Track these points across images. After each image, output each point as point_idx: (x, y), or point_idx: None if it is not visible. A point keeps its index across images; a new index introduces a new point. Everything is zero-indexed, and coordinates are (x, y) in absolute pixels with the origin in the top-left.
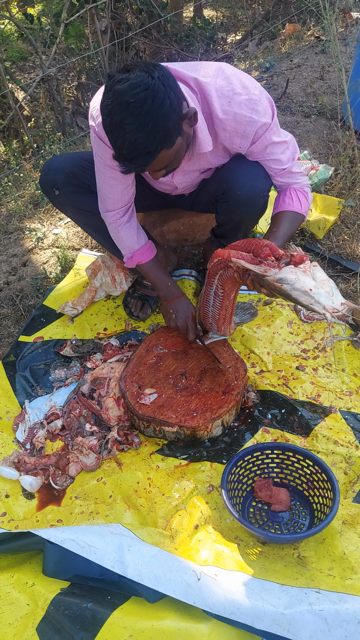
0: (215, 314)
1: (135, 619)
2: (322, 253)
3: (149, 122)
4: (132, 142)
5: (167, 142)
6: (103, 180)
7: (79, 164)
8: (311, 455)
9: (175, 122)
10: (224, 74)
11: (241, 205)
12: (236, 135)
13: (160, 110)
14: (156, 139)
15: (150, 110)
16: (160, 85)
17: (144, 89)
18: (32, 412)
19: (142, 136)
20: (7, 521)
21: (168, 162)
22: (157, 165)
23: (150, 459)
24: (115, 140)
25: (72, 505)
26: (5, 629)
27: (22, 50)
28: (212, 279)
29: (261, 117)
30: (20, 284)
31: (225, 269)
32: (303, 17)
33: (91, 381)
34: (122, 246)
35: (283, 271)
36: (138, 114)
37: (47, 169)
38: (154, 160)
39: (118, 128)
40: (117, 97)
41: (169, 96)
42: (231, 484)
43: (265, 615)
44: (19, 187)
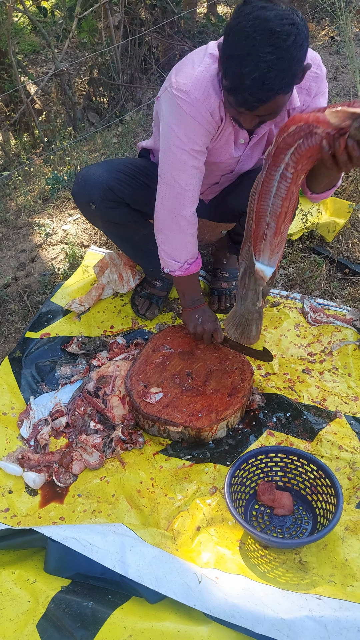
0: (277, 207)
1: (135, 619)
2: (331, 256)
3: (286, 59)
4: (263, 74)
5: (289, 87)
6: (182, 170)
7: (117, 178)
8: (315, 460)
9: (302, 69)
10: None
11: None
12: (301, 92)
13: (299, 51)
14: (285, 78)
15: (290, 47)
16: (303, 27)
17: (290, 23)
18: (37, 408)
19: (274, 70)
20: (9, 517)
21: (276, 110)
22: (268, 108)
23: (154, 459)
24: (242, 67)
25: (74, 503)
26: (6, 624)
27: (35, 43)
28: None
29: (324, 73)
30: (28, 280)
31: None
32: (318, 16)
33: (97, 379)
34: (184, 251)
35: None
36: (279, 46)
37: (83, 183)
38: (271, 101)
39: (252, 55)
40: (261, 23)
41: (307, 40)
42: (234, 487)
43: (265, 620)
44: (28, 181)
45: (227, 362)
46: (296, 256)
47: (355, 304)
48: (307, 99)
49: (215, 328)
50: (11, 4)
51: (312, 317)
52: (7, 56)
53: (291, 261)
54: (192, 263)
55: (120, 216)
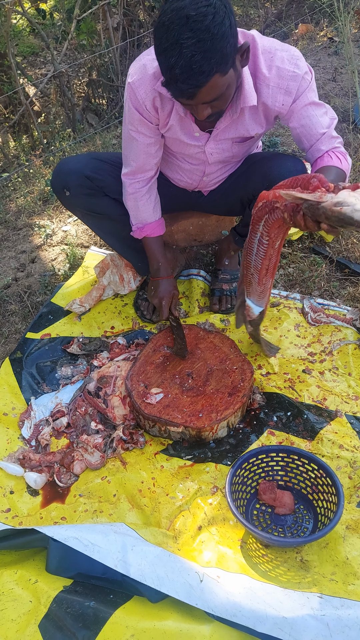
0: (258, 264)
1: (137, 618)
2: (330, 256)
3: (207, 39)
4: (188, 59)
5: (222, 66)
6: (130, 141)
7: (94, 166)
8: (316, 459)
9: (232, 46)
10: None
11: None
12: (279, 92)
13: (220, 28)
14: (213, 58)
15: (210, 26)
16: (222, 6)
17: (205, 5)
18: (38, 409)
19: (198, 53)
20: (11, 517)
21: (219, 94)
22: (209, 92)
23: (155, 458)
24: (168, 59)
25: (76, 503)
26: (8, 624)
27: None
28: (256, 226)
29: (303, 72)
30: (28, 281)
31: (272, 212)
32: (316, 17)
33: (97, 379)
34: (136, 215)
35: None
36: (197, 28)
37: (59, 170)
38: (207, 84)
39: (174, 45)
40: (177, 12)
41: (229, 17)
42: (235, 486)
43: (267, 618)
44: (28, 183)
45: (227, 362)
46: (296, 256)
47: (355, 304)
48: (287, 98)
49: (161, 305)
50: (10, 6)
51: (312, 317)
52: (6, 58)
53: (291, 261)
54: (142, 226)
55: (101, 206)
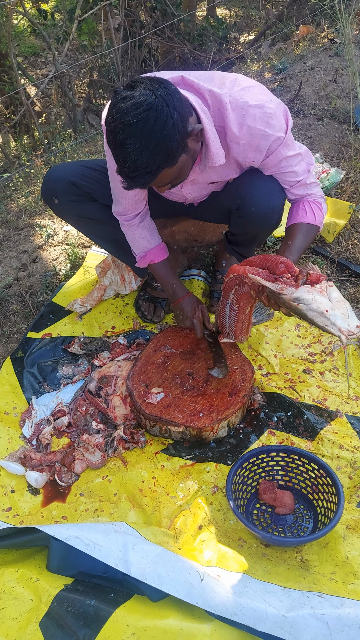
0: (232, 326)
1: (138, 617)
2: (331, 257)
3: (150, 143)
4: (134, 162)
5: (169, 161)
6: (116, 186)
7: (80, 173)
8: (316, 459)
9: (179, 140)
10: (240, 85)
11: (256, 221)
12: (250, 149)
13: (162, 130)
14: (157, 158)
15: (152, 130)
16: (164, 105)
17: (146, 109)
18: (39, 408)
19: (143, 156)
20: (12, 516)
21: (171, 179)
22: (160, 182)
23: (156, 458)
24: (117, 158)
25: (77, 502)
26: (9, 623)
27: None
28: (227, 294)
29: (275, 131)
30: (29, 281)
31: (241, 285)
32: (317, 18)
33: (98, 379)
34: (135, 245)
35: (300, 290)
36: (140, 134)
37: (47, 178)
38: (156, 179)
39: (120, 147)
40: (120, 116)
41: (172, 116)
42: (236, 486)
43: (268, 617)
44: (29, 183)
45: (227, 362)
46: None
47: (355, 305)
48: (258, 156)
49: (192, 325)
50: (12, 6)
51: None
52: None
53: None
54: (145, 253)
55: (90, 211)
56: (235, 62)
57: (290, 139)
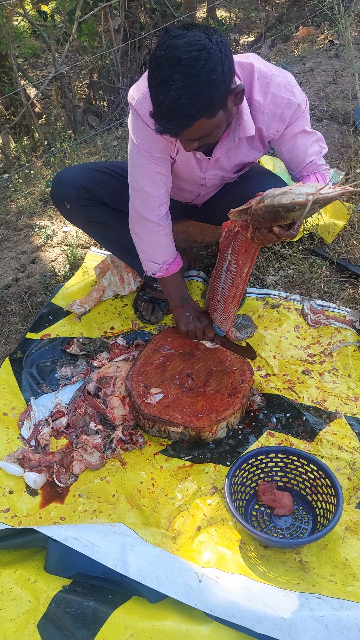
0: (225, 291)
1: (136, 618)
2: (330, 258)
3: (196, 84)
4: (174, 101)
5: (209, 111)
6: (145, 176)
7: (91, 177)
8: (315, 460)
9: (223, 92)
10: (260, 59)
11: None
12: (274, 119)
13: (211, 75)
14: (199, 104)
15: (200, 72)
16: (217, 50)
17: (199, 49)
18: (38, 409)
19: (185, 97)
20: (10, 517)
21: (205, 134)
22: (193, 133)
23: (154, 459)
24: (157, 96)
25: (75, 503)
26: (7, 624)
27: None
28: (224, 254)
29: (298, 99)
30: (28, 281)
31: (235, 238)
32: (317, 20)
33: (97, 380)
34: (160, 252)
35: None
36: (187, 72)
37: (57, 182)
38: (191, 126)
39: (163, 83)
40: (170, 52)
41: (222, 63)
42: (235, 487)
43: (266, 619)
44: (29, 184)
45: (227, 363)
46: (296, 258)
47: (355, 305)
48: (281, 125)
49: (206, 324)
50: (12, 8)
51: (311, 318)
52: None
53: (291, 262)
54: (170, 263)
55: (99, 215)
56: None
57: (308, 114)
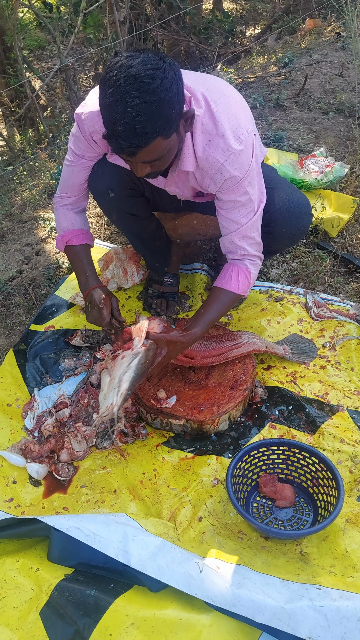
0: None
1: (137, 607)
2: (334, 251)
3: (153, 102)
4: (132, 119)
5: (165, 131)
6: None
7: None
8: (317, 453)
9: (177, 113)
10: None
11: (284, 241)
12: (207, 176)
13: (167, 93)
14: (156, 122)
15: (156, 90)
16: (171, 71)
17: (155, 68)
18: (41, 400)
19: (142, 114)
20: (13, 507)
21: (158, 156)
22: (149, 154)
23: (157, 450)
24: (112, 114)
25: (78, 493)
26: (10, 612)
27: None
28: None
29: (234, 169)
30: (32, 273)
31: None
32: (324, 12)
33: (100, 371)
34: (58, 225)
35: None
36: (144, 90)
37: (100, 171)
38: (148, 145)
39: (119, 101)
40: (125, 70)
41: (177, 84)
42: (236, 478)
43: (266, 609)
44: (33, 176)
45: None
46: (300, 251)
47: (358, 299)
48: (213, 186)
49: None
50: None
51: (315, 312)
52: (12, 51)
53: (295, 256)
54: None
55: (138, 207)
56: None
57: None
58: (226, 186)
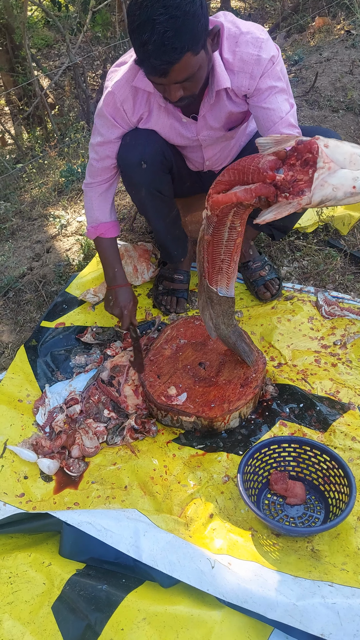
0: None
1: (149, 602)
2: (345, 249)
3: (179, 16)
4: (161, 35)
5: (194, 45)
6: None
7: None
8: (328, 451)
9: (203, 27)
10: (231, 17)
11: None
12: (244, 77)
13: (192, 6)
14: (185, 35)
15: (181, 4)
16: None
17: None
18: (52, 396)
19: (171, 30)
20: (25, 502)
21: (190, 74)
22: (180, 71)
23: (167, 447)
24: (141, 36)
25: (89, 489)
26: (22, 606)
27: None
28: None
29: (267, 54)
30: (43, 270)
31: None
32: (333, 10)
33: (111, 368)
34: (91, 214)
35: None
36: (170, 5)
37: (133, 142)
38: (180, 61)
39: (147, 22)
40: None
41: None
42: (247, 475)
43: (278, 605)
44: (42, 174)
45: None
46: (310, 249)
47: None
48: (252, 82)
49: (121, 315)
50: None
51: (326, 310)
52: (21, 49)
53: (305, 254)
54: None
55: (165, 185)
56: None
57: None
58: (265, 73)
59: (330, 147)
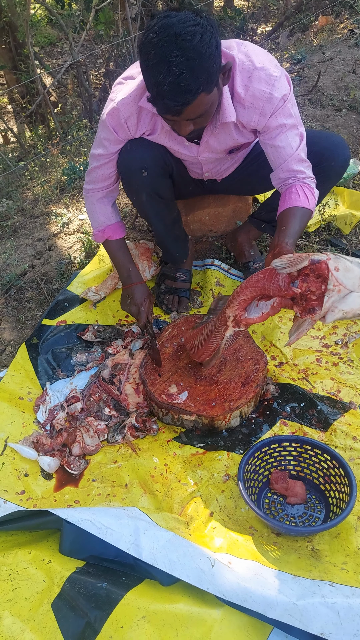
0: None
1: (148, 600)
2: (347, 249)
3: (195, 58)
4: (177, 77)
5: (208, 85)
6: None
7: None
8: (329, 450)
9: (218, 66)
10: (246, 48)
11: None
12: (254, 112)
13: (208, 48)
14: (200, 77)
15: (197, 46)
16: (209, 26)
17: (194, 24)
18: (53, 394)
19: (187, 71)
20: (25, 499)
21: (202, 112)
22: (194, 110)
23: (168, 445)
24: (156, 76)
25: (89, 487)
26: (22, 603)
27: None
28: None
29: (279, 93)
30: (44, 268)
31: None
32: (337, 9)
33: (112, 366)
34: (95, 219)
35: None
36: (186, 47)
37: (134, 149)
38: (194, 102)
39: (162, 62)
40: (165, 30)
41: (215, 37)
42: (247, 474)
43: (278, 604)
44: (44, 172)
45: (241, 352)
46: (312, 248)
47: None
48: (262, 119)
49: (138, 313)
50: None
51: None
52: (24, 47)
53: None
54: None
55: (166, 189)
56: None
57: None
58: (276, 111)
59: (340, 270)
